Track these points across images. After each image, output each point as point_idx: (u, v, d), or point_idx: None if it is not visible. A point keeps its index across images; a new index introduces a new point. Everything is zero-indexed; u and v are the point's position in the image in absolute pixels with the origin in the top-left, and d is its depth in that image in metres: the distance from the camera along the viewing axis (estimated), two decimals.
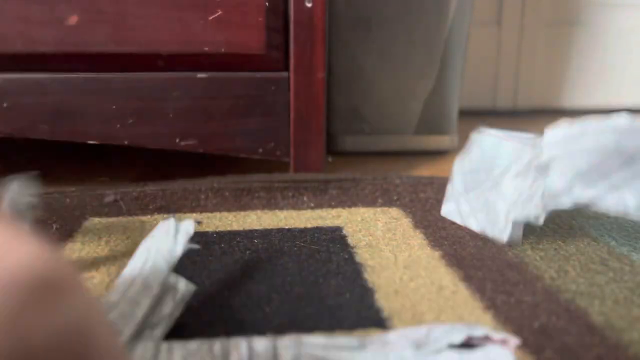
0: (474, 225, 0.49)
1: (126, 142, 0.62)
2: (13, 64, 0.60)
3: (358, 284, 0.38)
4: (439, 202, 0.57)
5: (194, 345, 0.28)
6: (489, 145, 0.50)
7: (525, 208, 0.44)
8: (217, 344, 0.28)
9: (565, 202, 0.42)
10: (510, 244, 0.46)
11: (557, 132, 0.44)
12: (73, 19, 0.59)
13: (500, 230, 0.46)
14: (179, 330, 0.32)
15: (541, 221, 0.43)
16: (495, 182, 0.48)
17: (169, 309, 0.31)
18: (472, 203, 0.50)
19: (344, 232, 0.49)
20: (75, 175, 0.72)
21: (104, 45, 0.60)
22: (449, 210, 0.52)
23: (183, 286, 0.33)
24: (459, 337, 0.27)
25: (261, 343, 0.28)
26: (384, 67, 0.84)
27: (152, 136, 0.62)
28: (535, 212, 0.43)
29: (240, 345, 0.28)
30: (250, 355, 0.27)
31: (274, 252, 0.44)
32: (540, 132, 0.48)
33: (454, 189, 0.52)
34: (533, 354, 0.30)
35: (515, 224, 0.45)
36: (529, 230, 0.49)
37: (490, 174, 0.49)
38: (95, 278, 0.39)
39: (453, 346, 0.27)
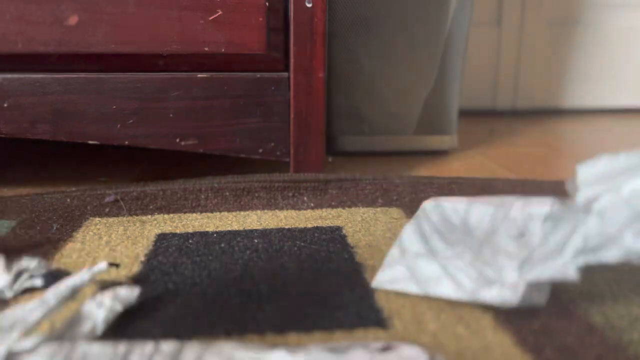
0: (450, 290, 0.35)
1: (126, 142, 0.62)
2: (13, 64, 0.60)
3: (358, 284, 0.38)
4: None
5: (95, 347, 0.28)
6: (451, 211, 0.39)
7: (551, 263, 0.33)
8: (121, 346, 0.28)
9: (613, 255, 0.33)
10: (525, 306, 0.35)
11: (598, 166, 0.35)
12: (73, 19, 0.59)
13: (509, 290, 0.34)
14: (178, 330, 0.32)
15: (575, 277, 0.33)
16: (483, 243, 0.37)
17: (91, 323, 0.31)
18: (447, 262, 0.37)
19: (344, 232, 0.49)
20: (75, 175, 0.72)
21: (104, 45, 0.60)
22: (392, 276, 0.38)
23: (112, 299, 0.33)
24: (377, 345, 0.28)
25: (168, 344, 0.28)
26: (384, 67, 0.84)
27: (152, 136, 0.62)
28: (568, 268, 0.33)
29: (145, 346, 0.28)
30: (152, 354, 0.27)
31: (274, 252, 0.44)
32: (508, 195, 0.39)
33: (404, 252, 0.39)
34: (532, 353, 0.30)
35: (535, 285, 0.34)
36: None
37: (469, 235, 0.37)
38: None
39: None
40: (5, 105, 0.60)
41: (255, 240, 0.47)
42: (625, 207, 0.33)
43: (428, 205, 0.40)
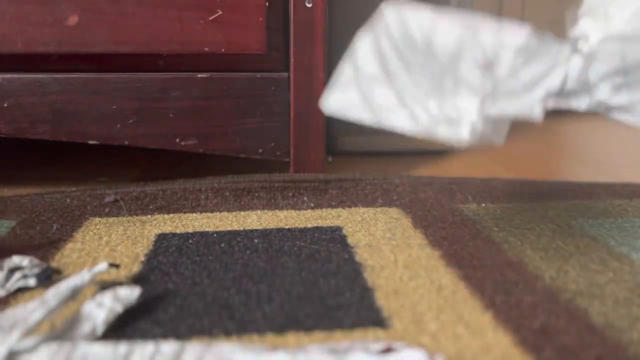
0: (405, 122, 0.33)
1: (126, 142, 0.62)
2: (13, 64, 0.60)
3: (358, 283, 0.38)
4: (439, 202, 0.57)
5: (96, 347, 0.28)
6: (414, 25, 0.33)
7: (517, 99, 0.31)
8: (122, 346, 0.28)
9: (583, 104, 0.31)
10: (478, 144, 0.32)
11: None
12: (73, 19, 0.59)
13: (466, 127, 0.31)
14: (178, 330, 0.32)
15: (540, 116, 0.30)
16: (446, 70, 0.32)
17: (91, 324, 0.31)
18: (405, 91, 0.33)
19: (344, 232, 0.49)
20: (75, 175, 0.72)
21: (104, 45, 0.60)
22: (345, 101, 0.34)
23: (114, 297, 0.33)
24: (378, 345, 0.27)
25: (169, 345, 0.28)
26: None
27: (152, 136, 0.62)
28: (535, 106, 0.30)
29: (146, 347, 0.28)
30: (153, 355, 0.27)
31: (274, 252, 0.44)
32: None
33: (358, 72, 0.35)
34: (532, 353, 0.30)
35: (494, 121, 0.31)
36: (529, 230, 0.49)
37: (431, 57, 0.33)
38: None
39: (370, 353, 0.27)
40: (5, 105, 0.60)
41: (255, 240, 0.47)
42: (616, 55, 0.29)
43: (389, 11, 0.35)
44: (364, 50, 0.35)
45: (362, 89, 0.34)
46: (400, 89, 0.33)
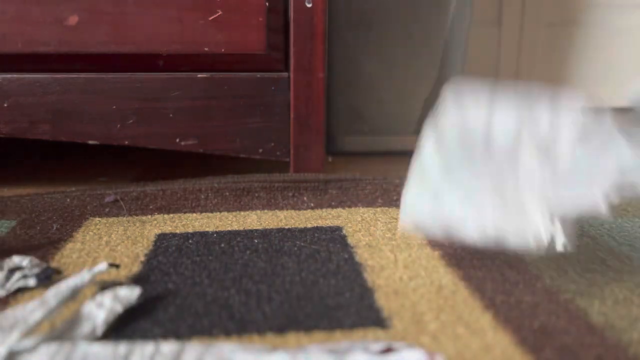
0: (474, 234, 0.33)
1: (126, 142, 0.62)
2: (13, 64, 0.60)
3: (358, 283, 0.38)
4: None
5: (96, 347, 0.28)
6: (475, 118, 0.35)
7: (580, 195, 0.29)
8: (122, 346, 0.28)
9: None
10: (547, 249, 0.32)
11: None
12: (73, 19, 0.59)
13: (530, 237, 0.31)
14: (178, 330, 0.32)
15: (607, 213, 0.29)
16: (506, 164, 0.33)
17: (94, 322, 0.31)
18: (469, 199, 0.34)
19: (344, 232, 0.49)
20: (75, 175, 0.72)
21: (104, 45, 0.60)
22: (418, 216, 0.35)
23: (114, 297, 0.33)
24: (377, 345, 0.27)
25: (169, 345, 0.28)
26: (384, 67, 0.84)
27: (152, 136, 0.62)
28: (600, 201, 0.29)
29: (146, 347, 0.28)
30: (153, 355, 0.27)
31: (274, 252, 0.44)
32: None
33: (425, 176, 0.36)
34: (532, 353, 0.30)
35: (562, 220, 0.30)
36: None
37: (493, 154, 0.34)
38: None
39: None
40: (5, 105, 0.60)
41: (255, 240, 0.46)
42: None
43: (451, 107, 0.36)
44: (428, 151, 0.38)
45: (431, 198, 0.36)
46: (465, 196, 0.34)
